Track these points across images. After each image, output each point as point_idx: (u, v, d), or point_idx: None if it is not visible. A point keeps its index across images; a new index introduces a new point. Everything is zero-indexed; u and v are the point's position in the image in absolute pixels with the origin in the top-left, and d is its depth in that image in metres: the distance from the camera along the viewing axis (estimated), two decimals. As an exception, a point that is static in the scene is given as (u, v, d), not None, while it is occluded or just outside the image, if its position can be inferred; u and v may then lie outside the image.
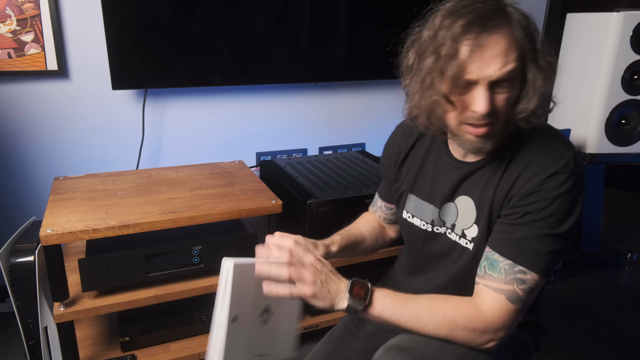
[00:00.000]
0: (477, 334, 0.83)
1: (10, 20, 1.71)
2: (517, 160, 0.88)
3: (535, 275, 0.83)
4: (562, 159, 0.84)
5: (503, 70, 0.78)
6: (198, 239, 1.49)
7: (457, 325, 0.82)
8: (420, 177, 1.03)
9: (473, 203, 0.93)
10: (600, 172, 2.42)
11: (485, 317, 0.82)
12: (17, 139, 1.86)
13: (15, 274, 1.41)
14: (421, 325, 0.83)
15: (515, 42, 0.79)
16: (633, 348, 1.86)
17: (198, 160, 2.13)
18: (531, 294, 0.84)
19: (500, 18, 0.78)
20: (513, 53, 0.79)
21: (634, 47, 2.13)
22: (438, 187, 0.99)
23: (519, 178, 0.86)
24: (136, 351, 1.55)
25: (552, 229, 0.83)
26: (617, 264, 2.48)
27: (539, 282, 0.84)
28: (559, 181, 0.82)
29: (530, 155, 0.86)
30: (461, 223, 0.95)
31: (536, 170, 0.84)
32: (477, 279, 0.88)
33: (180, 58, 1.92)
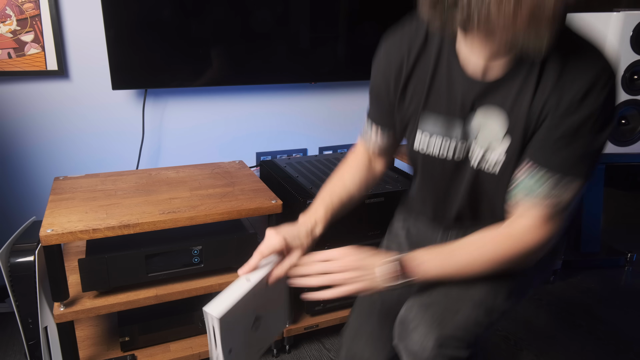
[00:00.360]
0: (526, 260, 0.85)
1: (10, 20, 1.71)
2: (551, 63, 0.80)
3: (579, 181, 0.81)
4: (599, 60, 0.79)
5: None
6: (198, 239, 1.49)
7: (505, 261, 0.83)
8: (433, 93, 0.92)
9: (504, 113, 0.84)
10: (600, 172, 2.42)
11: (526, 241, 0.83)
12: (17, 139, 1.86)
13: (15, 274, 1.41)
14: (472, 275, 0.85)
15: None
16: (633, 348, 1.86)
17: (198, 160, 2.13)
18: (571, 202, 0.82)
19: None
20: None
21: (634, 47, 2.13)
22: (457, 101, 0.89)
23: (558, 84, 0.79)
24: (136, 351, 1.55)
25: (596, 138, 0.79)
26: (617, 264, 2.48)
27: (581, 187, 0.82)
28: (600, 85, 0.77)
29: (565, 58, 0.79)
30: (486, 139, 0.88)
31: (579, 73, 0.78)
32: (517, 201, 0.84)
33: (180, 58, 1.92)
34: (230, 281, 1.52)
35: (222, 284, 1.51)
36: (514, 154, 0.85)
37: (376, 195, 1.66)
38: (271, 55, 2.06)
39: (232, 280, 1.53)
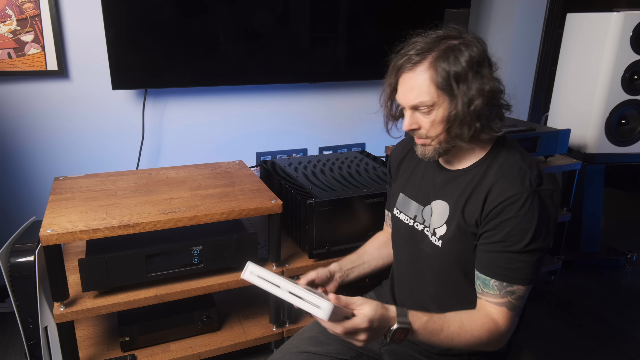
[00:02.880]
0: (495, 343, 0.99)
1: (10, 20, 1.71)
2: (489, 175, 1.00)
3: (522, 286, 0.97)
4: (524, 181, 0.95)
5: (415, 100, 0.96)
6: (198, 239, 1.49)
7: (482, 341, 0.97)
8: (411, 179, 1.17)
9: (448, 207, 1.05)
10: (600, 172, 2.42)
11: (500, 328, 0.97)
12: (17, 139, 1.86)
13: (15, 274, 1.41)
14: (452, 346, 0.97)
15: (431, 80, 0.94)
16: (633, 348, 1.86)
17: (198, 160, 2.13)
18: (522, 300, 0.98)
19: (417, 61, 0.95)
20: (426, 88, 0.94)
21: (634, 47, 2.13)
22: (423, 188, 1.12)
23: (490, 195, 0.97)
24: (136, 351, 1.55)
25: (525, 247, 0.94)
26: (617, 264, 2.48)
27: (526, 290, 0.98)
28: (521, 203, 0.94)
29: (498, 175, 0.98)
30: (434, 223, 1.08)
31: (502, 191, 0.96)
32: (479, 295, 1.01)
33: (180, 58, 1.92)
34: (230, 281, 1.52)
35: (222, 284, 1.51)
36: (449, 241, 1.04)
37: (376, 195, 1.66)
38: (271, 55, 2.06)
39: (232, 280, 1.53)
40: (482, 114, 0.94)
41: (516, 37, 2.69)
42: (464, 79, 0.92)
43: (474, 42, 0.95)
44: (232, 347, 1.61)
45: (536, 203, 0.94)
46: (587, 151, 2.28)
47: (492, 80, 0.94)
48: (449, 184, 1.06)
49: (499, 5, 2.59)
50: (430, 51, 0.95)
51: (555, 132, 2.02)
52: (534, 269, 0.96)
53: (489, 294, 0.98)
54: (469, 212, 1.00)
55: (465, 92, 0.93)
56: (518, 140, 1.94)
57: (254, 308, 1.79)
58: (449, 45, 0.94)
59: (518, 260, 0.95)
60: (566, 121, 2.39)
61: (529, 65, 2.79)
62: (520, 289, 0.97)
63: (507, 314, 0.97)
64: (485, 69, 0.94)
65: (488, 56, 0.96)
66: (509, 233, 0.94)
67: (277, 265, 1.59)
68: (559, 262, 2.23)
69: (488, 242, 0.97)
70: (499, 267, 0.96)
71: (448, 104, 0.94)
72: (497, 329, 0.97)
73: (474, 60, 0.93)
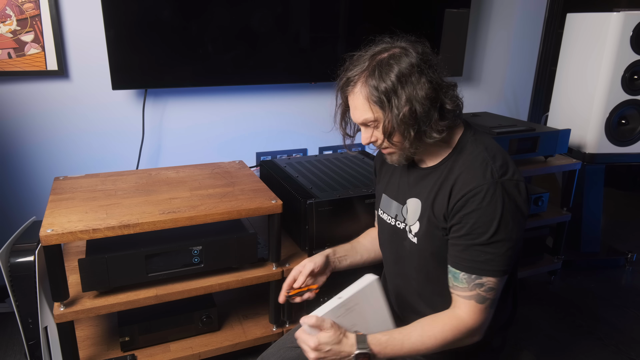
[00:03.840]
0: (465, 339, 1.00)
1: (10, 20, 1.71)
2: (454, 170, 1.03)
3: (491, 278, 0.98)
4: (485, 172, 0.98)
5: (360, 118, 1.04)
6: (198, 239, 1.49)
7: (449, 341, 0.99)
8: (392, 179, 1.20)
9: (420, 204, 1.09)
10: (600, 172, 2.42)
11: (466, 323, 0.99)
12: (18, 139, 1.86)
13: (15, 274, 1.41)
14: (422, 353, 1.00)
15: (366, 98, 1.00)
16: (633, 348, 1.86)
17: (198, 160, 2.13)
18: (494, 292, 0.99)
19: (354, 82, 1.02)
20: (365, 106, 1.01)
21: (634, 47, 2.13)
22: (401, 187, 1.16)
23: (454, 189, 1.00)
24: (136, 351, 1.55)
25: (490, 238, 0.96)
26: (617, 264, 2.48)
27: (498, 281, 0.99)
28: (482, 194, 0.96)
29: (462, 168, 1.01)
30: (409, 220, 1.12)
31: (464, 184, 0.99)
32: (450, 290, 1.03)
33: (180, 58, 1.92)
34: (230, 281, 1.52)
35: (222, 284, 1.51)
36: (423, 237, 1.08)
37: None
38: (271, 55, 2.06)
39: (232, 280, 1.54)
40: (420, 119, 0.97)
41: (516, 37, 2.69)
42: (392, 91, 0.96)
43: (402, 53, 0.99)
44: (232, 347, 1.61)
45: (499, 194, 0.95)
46: (587, 151, 2.28)
47: (425, 85, 0.96)
48: (421, 182, 1.10)
49: (499, 5, 2.59)
50: (363, 71, 1.01)
51: (555, 132, 2.02)
52: (504, 260, 0.97)
53: (458, 287, 1.00)
54: (437, 208, 1.03)
55: (396, 103, 0.97)
56: (518, 140, 1.94)
57: (254, 308, 1.79)
58: (377, 62, 0.99)
59: (485, 252, 0.97)
60: (566, 121, 2.39)
61: (529, 65, 2.80)
62: (490, 281, 0.98)
63: (476, 307, 0.99)
64: (413, 77, 0.96)
65: (419, 62, 0.97)
66: (473, 225, 0.96)
67: (277, 265, 1.59)
68: (559, 262, 2.23)
69: (455, 235, 1.00)
70: (466, 259, 0.98)
71: (383, 117, 0.99)
72: (464, 325, 0.99)
73: (401, 71, 0.96)
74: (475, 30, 2.57)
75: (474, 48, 2.60)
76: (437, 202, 1.04)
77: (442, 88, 0.99)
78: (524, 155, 1.99)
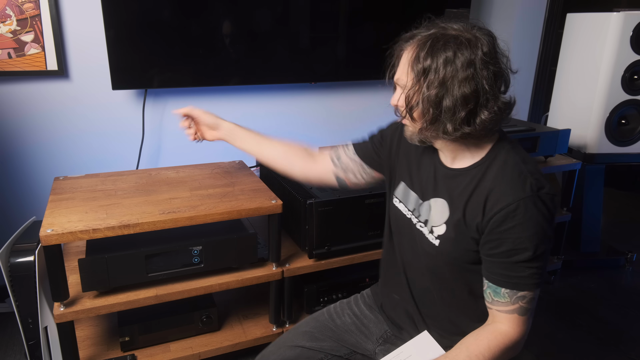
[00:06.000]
0: (510, 351, 0.99)
1: (10, 20, 1.71)
2: (487, 178, 0.99)
3: (532, 291, 0.97)
4: (525, 186, 0.94)
5: (397, 76, 1.01)
6: (198, 239, 1.49)
7: (496, 357, 0.97)
8: (412, 168, 1.15)
9: (448, 206, 1.04)
10: (600, 172, 2.42)
11: (512, 337, 0.98)
12: (17, 139, 1.86)
13: (15, 274, 1.41)
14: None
15: (409, 61, 0.96)
16: (633, 348, 1.86)
17: (198, 160, 2.13)
18: (534, 301, 0.98)
19: (412, 41, 0.98)
20: (405, 67, 0.98)
21: (634, 47, 2.13)
22: (424, 181, 1.11)
23: (489, 200, 0.97)
24: (136, 351, 1.55)
25: (534, 254, 0.93)
26: (617, 264, 2.48)
27: (537, 292, 0.98)
28: (523, 209, 0.92)
29: (497, 179, 0.97)
30: (433, 220, 1.07)
31: (502, 197, 0.95)
32: (488, 305, 1.01)
33: (180, 58, 1.92)
34: (230, 281, 1.52)
35: (222, 284, 1.51)
36: (446, 240, 1.04)
37: (376, 196, 1.66)
38: (271, 55, 2.06)
39: (232, 280, 1.54)
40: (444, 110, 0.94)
41: (516, 37, 2.69)
42: (434, 70, 0.93)
43: (469, 43, 0.93)
44: (232, 347, 1.61)
45: (539, 208, 0.93)
46: (587, 151, 2.28)
47: (467, 86, 0.92)
48: (449, 182, 1.05)
49: (499, 5, 2.59)
50: (424, 36, 0.96)
51: (555, 132, 2.02)
52: (543, 272, 0.97)
53: (499, 302, 0.98)
54: (469, 215, 0.99)
55: (429, 82, 0.93)
56: (518, 140, 1.94)
57: (254, 308, 1.79)
58: (440, 36, 0.94)
59: (529, 268, 0.95)
60: (566, 121, 2.39)
61: (529, 65, 2.79)
62: (530, 293, 0.97)
63: (519, 320, 0.98)
64: (462, 71, 0.91)
65: (478, 61, 0.92)
66: (515, 242, 0.93)
67: (277, 265, 1.59)
68: (559, 262, 2.23)
69: (496, 252, 0.96)
70: (509, 276, 0.96)
71: (412, 87, 0.96)
72: (509, 339, 0.98)
73: (453, 59, 0.92)
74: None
75: (474, 48, 2.60)
76: (469, 209, 1.00)
77: (486, 97, 0.94)
78: (524, 155, 1.99)
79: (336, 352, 1.21)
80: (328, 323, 1.26)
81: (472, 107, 0.93)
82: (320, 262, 1.64)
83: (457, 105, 0.93)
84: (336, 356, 1.21)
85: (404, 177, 1.17)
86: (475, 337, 0.99)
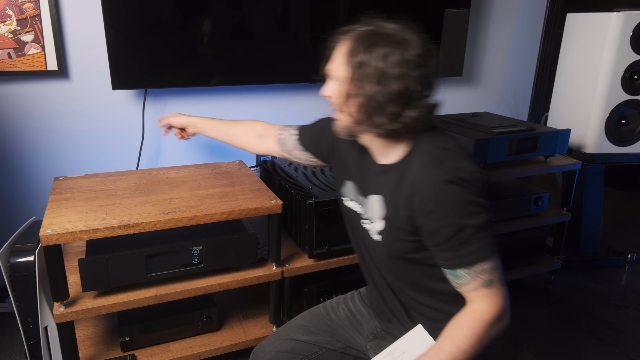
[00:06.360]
0: (495, 326, 0.99)
1: (10, 20, 1.71)
2: (410, 171, 1.02)
3: (486, 261, 0.97)
4: (439, 172, 0.96)
5: (332, 68, 1.06)
6: (198, 239, 1.49)
7: (480, 335, 0.98)
8: (351, 166, 1.20)
9: (382, 202, 1.08)
10: (600, 172, 2.42)
11: (489, 311, 0.98)
12: (17, 139, 1.86)
13: (15, 274, 1.41)
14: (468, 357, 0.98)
15: (346, 54, 1.00)
16: (633, 348, 1.86)
17: (198, 160, 2.13)
18: (496, 270, 0.99)
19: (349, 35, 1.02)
20: (342, 60, 1.02)
21: (634, 47, 2.13)
22: (363, 179, 1.15)
23: (412, 191, 0.99)
24: (136, 351, 1.55)
25: (472, 231, 0.95)
26: (617, 264, 2.48)
27: (494, 261, 0.98)
28: (441, 194, 0.95)
29: (417, 170, 1.00)
30: (373, 217, 1.11)
31: (422, 187, 0.98)
32: (458, 289, 1.02)
33: (180, 58, 1.91)
34: (230, 281, 1.52)
35: (222, 284, 1.51)
36: (387, 236, 1.08)
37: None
38: (271, 55, 2.06)
39: (232, 280, 1.54)
40: (375, 104, 0.97)
41: (516, 37, 2.69)
42: (370, 65, 0.96)
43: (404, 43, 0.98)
44: (232, 347, 1.61)
45: (461, 185, 0.95)
46: (587, 151, 2.28)
47: (398, 84, 0.95)
48: (380, 179, 1.09)
49: (499, 5, 2.59)
50: (363, 31, 1.01)
51: (555, 132, 2.02)
52: (490, 239, 0.98)
53: (463, 283, 1.00)
54: (401, 210, 1.03)
55: (364, 76, 0.97)
56: (518, 140, 1.94)
57: (254, 308, 1.79)
58: (378, 33, 0.99)
59: (474, 241, 0.96)
60: (566, 121, 2.39)
61: (529, 65, 2.80)
62: (486, 264, 0.98)
63: (489, 293, 0.99)
64: (396, 69, 0.95)
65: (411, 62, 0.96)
66: (450, 224, 0.96)
67: (277, 265, 1.59)
68: (559, 262, 2.23)
69: (438, 240, 0.99)
70: (460, 255, 0.98)
71: (348, 79, 1.00)
72: (487, 314, 0.98)
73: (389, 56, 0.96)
74: (475, 30, 2.57)
75: (474, 48, 2.60)
76: (400, 203, 1.03)
77: (414, 97, 0.98)
78: (524, 155, 1.99)
79: (331, 346, 1.23)
80: (323, 318, 1.28)
81: (401, 105, 0.97)
82: (320, 262, 1.64)
83: (387, 100, 0.97)
84: (331, 350, 1.23)
85: (348, 175, 1.21)
86: (456, 322, 1.00)
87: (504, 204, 2.03)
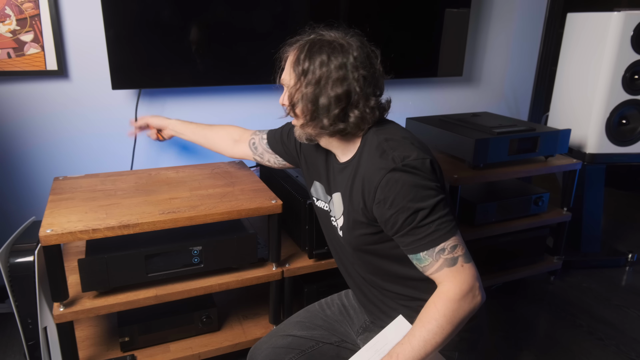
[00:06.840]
0: (465, 305, 0.99)
1: (9, 20, 1.70)
2: (361, 165, 1.08)
3: (446, 241, 1.00)
4: (387, 162, 1.02)
5: (282, 78, 1.14)
6: (198, 239, 1.49)
7: (450, 316, 0.98)
8: (317, 168, 1.27)
9: (341, 199, 1.15)
10: (600, 172, 2.42)
11: (455, 290, 0.99)
12: (17, 139, 1.86)
13: (15, 274, 1.41)
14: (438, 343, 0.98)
15: (291, 64, 1.08)
16: (634, 348, 1.86)
17: (198, 160, 2.13)
18: (458, 247, 1.01)
19: (294, 46, 1.10)
20: (289, 69, 1.10)
21: (634, 47, 2.13)
22: (330, 179, 1.22)
23: (364, 184, 1.05)
24: (136, 351, 1.55)
25: (426, 211, 0.99)
26: (617, 264, 2.48)
27: (455, 239, 1.01)
28: (392, 182, 0.99)
29: (367, 163, 1.06)
30: (336, 214, 1.19)
31: (372, 178, 1.03)
32: (426, 274, 1.04)
33: (179, 58, 1.91)
34: (230, 281, 1.52)
35: (222, 284, 1.51)
36: (347, 231, 1.14)
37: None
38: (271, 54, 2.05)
39: (232, 280, 1.54)
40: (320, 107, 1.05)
41: (516, 36, 2.69)
42: (311, 71, 1.04)
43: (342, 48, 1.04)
44: (232, 347, 1.61)
45: (408, 172, 0.99)
46: (588, 151, 2.28)
47: (339, 87, 1.02)
48: (340, 176, 1.16)
49: (499, 5, 2.59)
50: (305, 41, 1.08)
51: (556, 132, 2.02)
52: (447, 218, 1.01)
53: (427, 266, 1.02)
54: (355, 204, 1.08)
55: (307, 81, 1.05)
56: (518, 140, 1.94)
57: (254, 308, 1.79)
58: (317, 41, 1.06)
59: (431, 223, 0.99)
60: (566, 121, 2.39)
61: (529, 65, 2.79)
62: (446, 243, 1.00)
63: (452, 271, 1.00)
64: (335, 73, 1.02)
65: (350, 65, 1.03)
66: (404, 210, 0.99)
67: (277, 265, 1.59)
68: (559, 262, 2.23)
69: (396, 228, 1.02)
70: (419, 239, 1.01)
71: (294, 86, 1.07)
72: (453, 293, 0.99)
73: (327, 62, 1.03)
74: (475, 30, 2.57)
75: (474, 48, 2.60)
76: (354, 198, 1.09)
77: (357, 98, 1.04)
78: (524, 155, 1.99)
79: (327, 340, 1.27)
80: (319, 313, 1.33)
81: (344, 106, 1.05)
82: (320, 262, 1.64)
83: (331, 103, 1.04)
84: (327, 344, 1.27)
85: (316, 176, 1.28)
86: (425, 307, 1.02)
87: (504, 204, 2.03)
